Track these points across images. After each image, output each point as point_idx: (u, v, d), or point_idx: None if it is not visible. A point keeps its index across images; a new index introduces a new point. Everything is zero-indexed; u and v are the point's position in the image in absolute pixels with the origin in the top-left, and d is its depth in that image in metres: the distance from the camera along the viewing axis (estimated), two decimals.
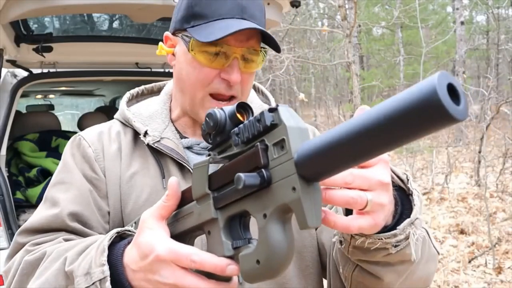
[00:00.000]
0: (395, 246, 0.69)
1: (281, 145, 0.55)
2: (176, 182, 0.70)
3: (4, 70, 3.49)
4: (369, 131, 0.45)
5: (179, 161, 0.96)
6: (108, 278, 0.70)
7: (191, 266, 0.63)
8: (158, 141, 0.98)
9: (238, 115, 0.63)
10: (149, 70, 3.73)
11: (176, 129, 1.04)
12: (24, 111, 5.13)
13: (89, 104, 6.58)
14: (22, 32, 2.95)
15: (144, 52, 3.43)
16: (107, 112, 4.77)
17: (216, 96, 0.95)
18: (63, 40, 3.19)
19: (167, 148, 0.97)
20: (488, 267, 4.22)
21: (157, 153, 0.98)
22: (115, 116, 1.08)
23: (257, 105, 1.09)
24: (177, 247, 0.65)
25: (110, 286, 0.70)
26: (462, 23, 12.28)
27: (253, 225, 0.60)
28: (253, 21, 0.91)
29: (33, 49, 3.06)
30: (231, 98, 0.95)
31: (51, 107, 5.52)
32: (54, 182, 0.99)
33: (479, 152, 6.85)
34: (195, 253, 0.63)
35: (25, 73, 3.39)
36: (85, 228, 0.93)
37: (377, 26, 15.71)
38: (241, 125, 0.60)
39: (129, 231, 0.78)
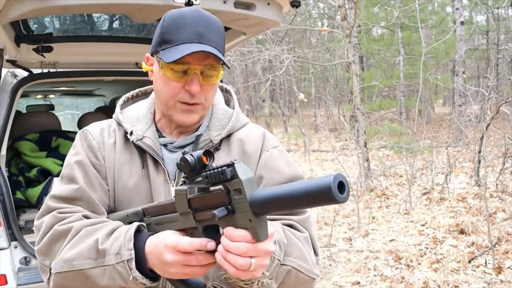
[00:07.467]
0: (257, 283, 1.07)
1: (239, 191, 0.87)
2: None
3: (4, 70, 3.49)
4: (291, 197, 0.81)
5: (154, 156, 1.25)
6: (134, 259, 1.03)
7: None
8: (141, 139, 1.25)
9: (204, 158, 0.94)
10: None
11: (157, 129, 1.30)
12: (24, 111, 5.14)
13: (89, 104, 6.55)
14: (22, 32, 2.95)
15: (144, 52, 3.36)
16: (107, 112, 4.76)
17: (183, 103, 1.21)
18: (63, 40, 3.19)
19: (146, 146, 1.25)
20: (488, 267, 4.23)
21: (139, 148, 1.26)
22: (113, 116, 1.36)
23: (221, 111, 1.35)
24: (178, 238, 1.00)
25: (135, 264, 1.03)
26: (462, 23, 12.28)
27: None
28: (209, 44, 1.15)
29: (33, 49, 3.06)
30: (195, 104, 1.21)
31: (51, 107, 5.51)
32: (70, 163, 1.26)
33: (479, 152, 6.84)
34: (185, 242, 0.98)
35: (25, 73, 3.39)
36: (96, 201, 1.22)
37: (376, 26, 15.70)
38: (209, 172, 0.91)
39: (143, 226, 1.12)
